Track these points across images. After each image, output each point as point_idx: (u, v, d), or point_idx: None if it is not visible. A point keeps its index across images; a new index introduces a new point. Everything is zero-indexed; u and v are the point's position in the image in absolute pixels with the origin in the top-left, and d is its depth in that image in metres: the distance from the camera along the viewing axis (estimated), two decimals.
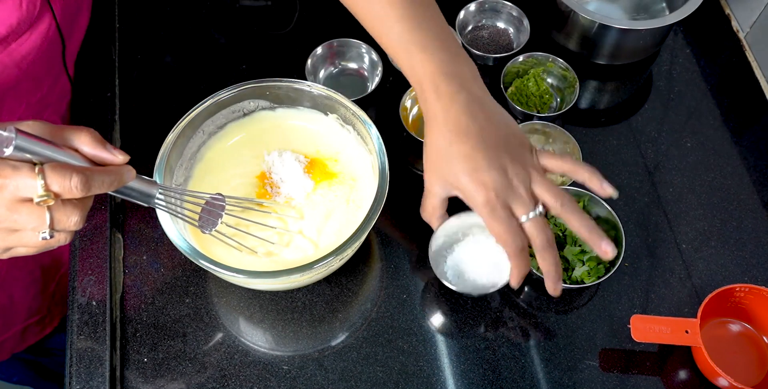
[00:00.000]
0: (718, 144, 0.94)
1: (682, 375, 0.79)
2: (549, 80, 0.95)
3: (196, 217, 0.71)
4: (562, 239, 0.83)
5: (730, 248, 0.86)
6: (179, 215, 0.70)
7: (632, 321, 0.76)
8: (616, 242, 0.81)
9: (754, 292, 0.77)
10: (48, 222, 0.56)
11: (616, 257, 0.80)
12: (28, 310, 1.08)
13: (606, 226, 0.82)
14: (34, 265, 1.04)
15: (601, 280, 0.79)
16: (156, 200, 0.66)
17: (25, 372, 1.26)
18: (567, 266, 0.81)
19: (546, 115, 0.91)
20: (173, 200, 0.70)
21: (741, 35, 1.02)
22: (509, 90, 0.94)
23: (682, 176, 0.91)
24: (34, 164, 0.55)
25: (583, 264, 0.80)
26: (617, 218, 0.81)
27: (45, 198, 0.54)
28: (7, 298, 1.03)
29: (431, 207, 0.75)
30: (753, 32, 1.00)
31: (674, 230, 0.87)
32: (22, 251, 0.60)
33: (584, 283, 0.79)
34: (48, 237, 0.57)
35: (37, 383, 1.29)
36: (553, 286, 0.72)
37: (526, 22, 0.98)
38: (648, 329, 0.75)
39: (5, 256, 0.60)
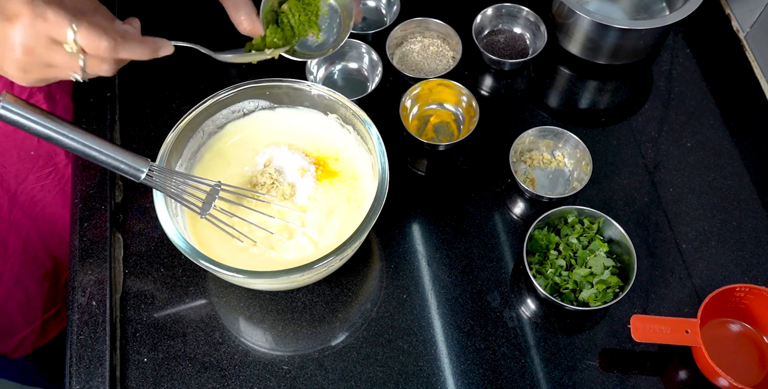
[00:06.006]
0: (718, 144, 0.94)
1: (682, 375, 0.79)
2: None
3: (188, 197, 0.72)
4: (571, 261, 0.82)
5: (730, 248, 0.86)
6: (171, 195, 0.71)
7: (632, 321, 0.75)
8: (629, 267, 0.80)
9: (754, 292, 0.77)
10: (81, 66, 0.59)
11: (626, 283, 0.79)
12: (44, 304, 1.08)
13: (619, 250, 0.82)
14: (46, 256, 1.04)
15: (608, 305, 0.78)
16: (146, 177, 0.68)
17: (39, 374, 1.26)
18: (575, 288, 0.80)
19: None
20: (165, 180, 0.71)
21: (741, 35, 1.02)
22: None
23: (682, 176, 0.91)
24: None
25: (591, 287, 0.79)
26: (630, 241, 0.80)
27: (73, 49, 0.57)
28: (24, 293, 1.03)
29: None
30: (753, 32, 1.00)
31: (674, 230, 0.87)
32: (61, 78, 0.62)
33: (589, 306, 0.79)
34: (80, 80, 0.60)
35: (50, 384, 1.29)
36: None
37: (543, 27, 0.96)
38: (648, 329, 0.75)
39: (44, 84, 0.62)
